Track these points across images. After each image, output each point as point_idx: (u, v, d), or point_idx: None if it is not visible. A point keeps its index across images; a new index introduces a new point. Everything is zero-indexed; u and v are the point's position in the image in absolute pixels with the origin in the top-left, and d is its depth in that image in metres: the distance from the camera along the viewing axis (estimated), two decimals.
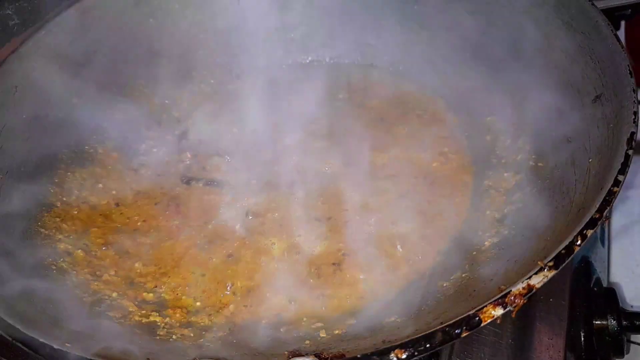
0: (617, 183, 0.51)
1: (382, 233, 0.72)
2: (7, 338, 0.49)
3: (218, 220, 0.76)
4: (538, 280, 0.46)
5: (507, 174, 0.73)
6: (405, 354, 0.43)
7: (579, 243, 0.48)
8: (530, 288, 0.46)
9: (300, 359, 0.48)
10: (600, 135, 0.60)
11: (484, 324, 0.45)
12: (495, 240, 0.65)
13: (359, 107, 0.89)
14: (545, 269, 0.47)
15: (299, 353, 0.50)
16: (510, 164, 0.74)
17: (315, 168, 0.81)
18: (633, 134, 0.55)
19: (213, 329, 0.63)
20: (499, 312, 0.45)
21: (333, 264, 0.70)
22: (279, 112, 0.90)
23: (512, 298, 0.46)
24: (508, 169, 0.73)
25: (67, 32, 0.83)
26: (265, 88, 0.94)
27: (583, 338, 0.67)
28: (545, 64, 0.72)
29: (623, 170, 0.52)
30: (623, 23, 1.00)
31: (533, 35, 0.75)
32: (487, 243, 0.66)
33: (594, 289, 0.72)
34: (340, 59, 0.96)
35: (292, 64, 0.97)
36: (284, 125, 0.88)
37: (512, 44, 0.78)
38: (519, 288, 0.46)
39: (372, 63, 0.95)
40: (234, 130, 0.88)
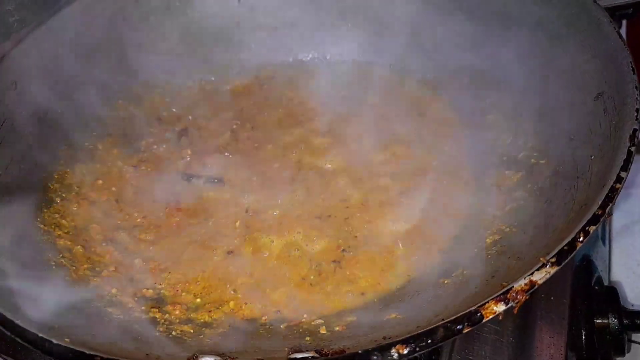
0: (619, 179, 0.51)
1: (382, 230, 0.72)
2: (6, 333, 0.49)
3: (218, 217, 0.76)
4: (540, 277, 0.46)
5: (508, 172, 0.73)
6: (407, 350, 0.43)
7: (582, 239, 0.48)
8: (533, 284, 0.46)
9: (301, 355, 0.47)
10: (603, 133, 0.59)
11: (486, 320, 0.44)
12: (497, 238, 0.65)
13: (360, 104, 0.89)
14: (548, 265, 0.46)
15: (300, 349, 0.49)
16: (512, 162, 0.73)
17: (316, 165, 0.81)
18: (635, 131, 0.54)
19: (213, 326, 0.63)
20: (501, 308, 0.45)
21: (333, 261, 0.69)
22: (280, 109, 0.91)
23: (514, 294, 0.45)
24: (509, 167, 0.73)
25: (67, 28, 0.83)
26: (266, 85, 0.95)
27: (584, 337, 0.67)
28: (547, 61, 0.72)
29: (625, 167, 0.52)
30: (624, 22, 1.00)
31: (535, 33, 0.75)
32: (488, 240, 0.66)
33: (595, 288, 0.72)
34: (341, 56, 0.96)
35: (292, 61, 0.97)
36: (285, 122, 0.88)
37: (514, 43, 0.78)
38: (521, 284, 0.46)
39: (373, 60, 0.94)
40: (234, 127, 0.88)
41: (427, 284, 0.64)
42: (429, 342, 0.44)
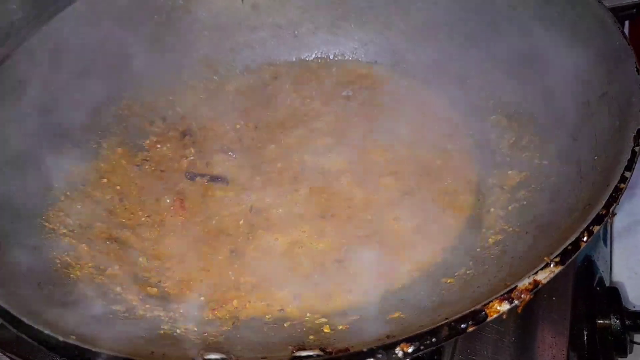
0: (623, 179, 0.51)
1: (385, 230, 0.72)
2: (12, 330, 0.49)
3: (222, 216, 0.76)
4: (544, 276, 0.46)
5: (511, 172, 0.73)
6: (411, 348, 0.43)
7: (586, 239, 0.48)
8: (537, 283, 0.46)
9: (305, 353, 0.47)
10: (607, 133, 0.60)
11: (490, 319, 0.45)
12: (500, 238, 0.65)
13: (363, 104, 0.89)
14: (552, 265, 0.47)
15: (304, 347, 0.50)
16: (515, 162, 0.73)
17: (319, 164, 0.81)
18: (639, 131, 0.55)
19: (217, 324, 0.63)
20: (505, 307, 0.45)
21: (336, 260, 0.70)
22: (283, 108, 0.91)
23: (518, 293, 0.45)
24: (513, 167, 0.73)
25: (71, 27, 0.83)
26: (270, 85, 0.95)
27: (586, 337, 0.67)
28: (551, 62, 0.72)
29: (630, 167, 0.52)
30: (627, 23, 1.00)
31: (539, 34, 0.75)
32: (491, 240, 0.66)
33: (597, 289, 0.72)
34: (344, 56, 0.96)
35: (296, 61, 0.97)
36: (288, 122, 0.88)
37: (518, 43, 0.78)
38: (525, 283, 0.46)
39: (376, 60, 0.94)
40: (238, 127, 0.88)
41: (430, 283, 0.64)
42: (434, 340, 0.44)
